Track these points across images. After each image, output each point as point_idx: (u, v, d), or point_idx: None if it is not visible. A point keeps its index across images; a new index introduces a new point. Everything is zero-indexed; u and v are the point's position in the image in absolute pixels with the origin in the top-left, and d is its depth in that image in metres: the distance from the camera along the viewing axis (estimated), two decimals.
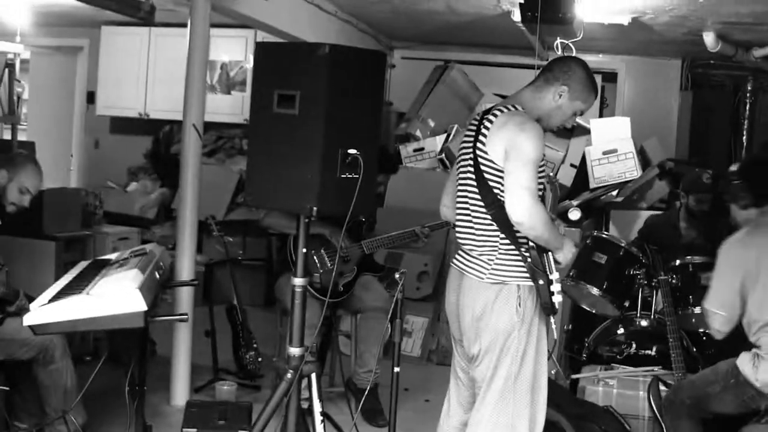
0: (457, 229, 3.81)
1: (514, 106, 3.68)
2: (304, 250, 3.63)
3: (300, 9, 6.43)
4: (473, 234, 3.70)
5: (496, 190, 3.60)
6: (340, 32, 7.12)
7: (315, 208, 3.37)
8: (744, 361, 4.15)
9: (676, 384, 4.64)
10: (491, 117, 3.64)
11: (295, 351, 3.66)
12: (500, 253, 3.63)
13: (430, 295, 6.91)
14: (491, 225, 3.63)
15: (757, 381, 4.08)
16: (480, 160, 3.62)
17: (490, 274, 3.63)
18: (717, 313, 4.21)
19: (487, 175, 3.61)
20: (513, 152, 3.54)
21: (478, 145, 3.63)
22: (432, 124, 8.02)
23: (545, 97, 3.77)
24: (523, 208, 3.48)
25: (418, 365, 6.65)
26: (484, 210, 3.64)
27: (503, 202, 3.56)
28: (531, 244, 3.62)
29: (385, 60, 3.70)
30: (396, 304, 3.88)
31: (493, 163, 3.59)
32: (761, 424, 4.20)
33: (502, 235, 3.62)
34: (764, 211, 4.37)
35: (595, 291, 5.36)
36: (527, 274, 3.61)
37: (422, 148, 7.74)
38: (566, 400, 4.82)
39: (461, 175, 3.77)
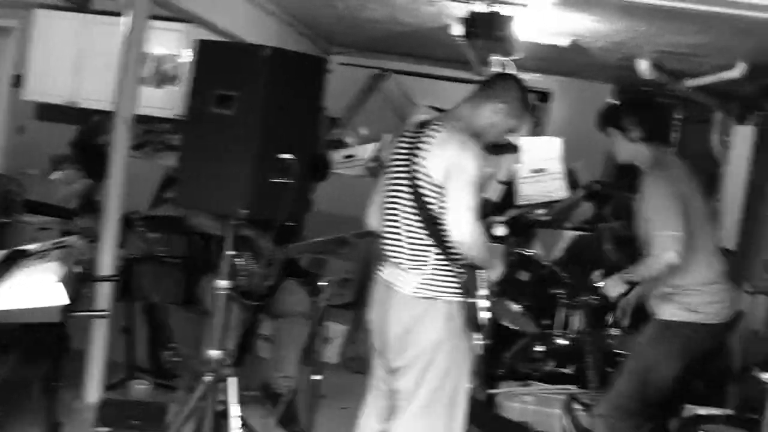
0: (386, 241, 3.79)
1: (453, 123, 3.68)
2: (230, 253, 3.59)
3: (240, 7, 6.36)
4: (403, 248, 3.68)
5: (431, 206, 3.60)
6: (278, 33, 7.05)
7: (244, 211, 3.34)
8: (670, 309, 4.24)
9: (604, 399, 4.56)
10: (431, 132, 3.63)
11: (214, 354, 3.61)
12: (432, 269, 3.62)
13: (351, 302, 6.89)
14: (423, 240, 3.63)
15: (697, 313, 4.18)
16: (417, 175, 3.60)
17: (420, 288, 3.62)
18: (673, 234, 4.11)
19: (423, 191, 3.60)
20: (455, 172, 3.55)
21: (417, 159, 3.62)
22: (364, 131, 8.00)
23: (483, 113, 3.79)
24: (466, 228, 3.52)
25: (336, 372, 6.62)
26: (418, 225, 3.62)
27: (439, 218, 3.56)
28: (469, 262, 3.64)
29: (326, 66, 3.68)
30: (319, 311, 3.86)
31: (432, 179, 3.58)
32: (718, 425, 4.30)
33: (437, 251, 3.61)
34: (661, 152, 4.40)
35: (516, 308, 5.39)
36: (457, 290, 3.62)
37: (353, 155, 7.72)
38: (483, 415, 4.84)
39: (392, 188, 3.75)
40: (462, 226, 3.53)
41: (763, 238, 2.99)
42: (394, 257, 3.73)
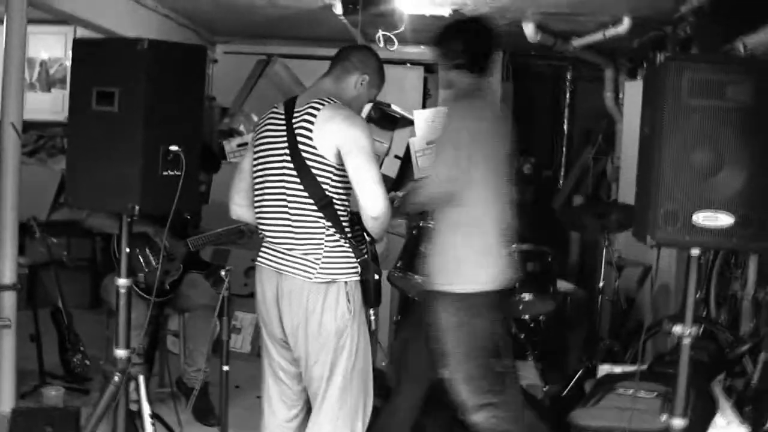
0: (268, 227, 3.73)
1: (329, 99, 3.67)
2: (128, 250, 3.56)
3: (119, 4, 6.28)
4: (292, 232, 3.64)
5: (324, 186, 3.58)
6: (160, 27, 6.98)
7: (137, 207, 3.32)
8: (463, 277, 3.99)
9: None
10: (312, 110, 3.61)
11: (121, 353, 3.59)
12: (326, 251, 3.61)
13: None
14: (316, 222, 3.60)
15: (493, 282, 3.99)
16: (304, 155, 3.58)
17: (319, 273, 3.59)
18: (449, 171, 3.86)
19: (314, 171, 3.57)
20: (353, 147, 3.54)
21: (301, 139, 3.59)
22: (255, 118, 7.96)
23: (347, 87, 3.80)
24: (381, 203, 3.51)
25: (248, 361, 6.60)
26: (310, 207, 3.59)
27: (333, 197, 3.57)
28: (369, 238, 3.64)
29: (206, 54, 3.66)
30: (222, 302, 3.85)
31: (323, 158, 3.56)
32: (589, 408, 4.34)
33: (330, 232, 3.60)
34: (477, 85, 4.11)
35: (421, 281, 5.43)
36: (353, 269, 3.62)
37: (246, 143, 7.67)
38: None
39: (273, 171, 3.68)
40: (378, 201, 3.50)
41: (660, 191, 3.06)
42: (283, 243, 3.67)
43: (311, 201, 3.59)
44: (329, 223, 3.60)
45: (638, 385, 4.31)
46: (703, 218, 3.15)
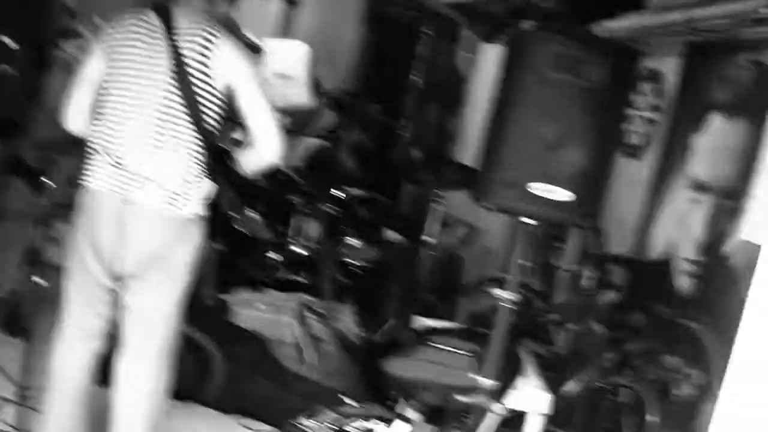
0: (121, 148, 3.43)
1: (215, 24, 3.48)
2: None
3: None
4: (155, 158, 3.41)
5: (207, 117, 3.41)
6: None
7: None
8: None
9: None
10: (208, 36, 3.40)
11: None
12: (194, 184, 3.44)
13: None
14: (188, 153, 3.42)
15: None
16: (194, 81, 3.38)
17: (185, 205, 3.44)
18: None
19: (202, 100, 3.40)
20: (251, 83, 3.43)
21: (195, 63, 3.38)
22: (100, 22, 7.62)
23: (219, 5, 3.60)
24: (281, 144, 3.43)
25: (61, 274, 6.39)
26: (189, 137, 3.41)
27: (213, 130, 3.44)
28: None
29: None
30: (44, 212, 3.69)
31: (214, 89, 3.41)
32: (402, 358, 4.38)
33: (199, 164, 3.43)
34: None
35: (252, 214, 5.36)
36: (207, 203, 3.51)
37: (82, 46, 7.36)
38: (213, 322, 4.82)
39: (135, 89, 3.42)
40: (278, 132, 3.42)
41: (504, 157, 3.10)
42: (140, 169, 3.42)
43: (189, 129, 3.40)
44: (204, 157, 3.44)
45: (451, 341, 4.38)
46: (540, 190, 3.21)
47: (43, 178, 3.74)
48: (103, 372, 3.67)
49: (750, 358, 2.51)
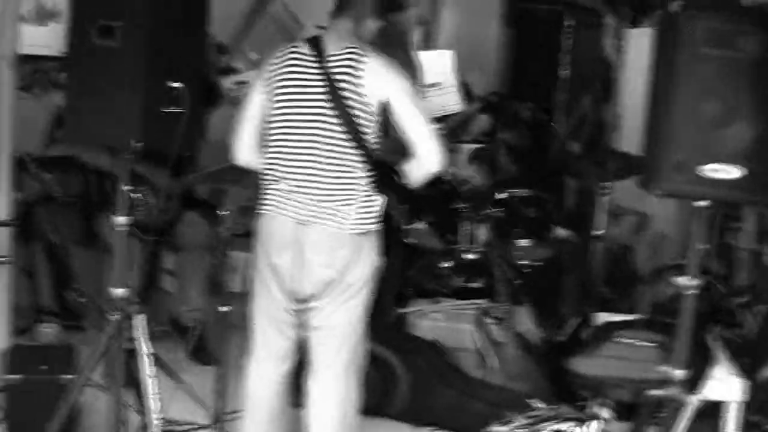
0: (290, 175, 3.60)
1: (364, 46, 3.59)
2: (125, 188, 3.52)
3: None
4: (326, 182, 3.55)
5: (365, 136, 3.51)
6: None
7: (137, 144, 3.27)
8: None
9: None
10: (356, 57, 3.52)
11: (117, 292, 3.56)
12: (362, 201, 3.55)
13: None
14: (355, 173, 3.54)
15: None
16: (350, 103, 3.49)
17: (356, 224, 3.54)
18: None
19: (359, 121, 3.51)
20: (401, 96, 3.52)
21: (347, 86, 3.50)
22: (254, 56, 7.84)
23: (367, 27, 3.68)
24: (442, 153, 3.50)
25: (244, 301, 6.57)
26: (351, 158, 3.53)
27: (373, 148, 3.53)
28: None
29: None
30: (221, 242, 3.81)
31: (370, 107, 3.50)
32: (588, 356, 4.33)
33: (365, 182, 3.55)
34: None
35: (419, 225, 5.40)
36: (380, 219, 3.60)
37: (245, 82, 7.57)
38: (393, 336, 4.87)
39: (297, 117, 3.58)
40: (437, 142, 3.51)
41: (669, 141, 3.04)
42: (310, 193, 3.56)
43: (350, 149, 3.53)
44: (365, 174, 3.55)
45: (636, 334, 4.30)
46: (711, 170, 3.13)
47: (216, 210, 3.88)
48: (296, 393, 3.78)
49: None
